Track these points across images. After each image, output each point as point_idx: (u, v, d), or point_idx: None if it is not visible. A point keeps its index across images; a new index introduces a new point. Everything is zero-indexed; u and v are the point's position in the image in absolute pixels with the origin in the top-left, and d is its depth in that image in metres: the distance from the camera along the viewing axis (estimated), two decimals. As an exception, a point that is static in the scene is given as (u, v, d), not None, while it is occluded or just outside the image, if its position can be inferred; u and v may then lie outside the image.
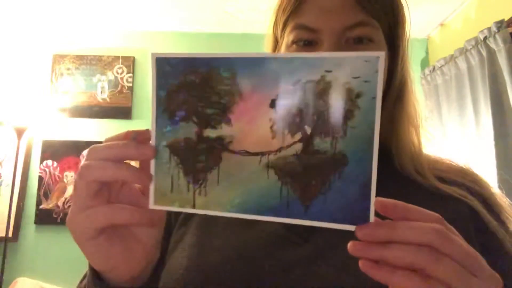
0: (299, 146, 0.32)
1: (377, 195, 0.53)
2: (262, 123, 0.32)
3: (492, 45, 1.82)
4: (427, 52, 2.60)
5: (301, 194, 0.32)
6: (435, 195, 0.50)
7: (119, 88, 2.50)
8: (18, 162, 2.23)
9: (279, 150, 0.32)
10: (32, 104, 2.25)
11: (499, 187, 0.57)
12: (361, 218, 0.31)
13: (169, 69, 0.34)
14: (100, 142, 0.36)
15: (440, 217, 0.30)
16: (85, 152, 0.37)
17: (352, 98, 0.31)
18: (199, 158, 0.34)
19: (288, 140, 0.32)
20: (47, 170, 2.37)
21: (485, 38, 1.85)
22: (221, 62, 0.33)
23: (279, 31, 0.56)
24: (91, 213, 0.35)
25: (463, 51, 2.05)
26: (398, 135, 0.54)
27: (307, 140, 0.32)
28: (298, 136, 0.32)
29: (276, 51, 0.58)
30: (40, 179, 2.36)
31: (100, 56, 2.52)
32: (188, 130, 0.34)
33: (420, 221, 0.29)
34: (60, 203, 2.34)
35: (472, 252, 0.30)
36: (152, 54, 0.35)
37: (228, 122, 0.33)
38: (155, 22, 2.50)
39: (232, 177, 0.34)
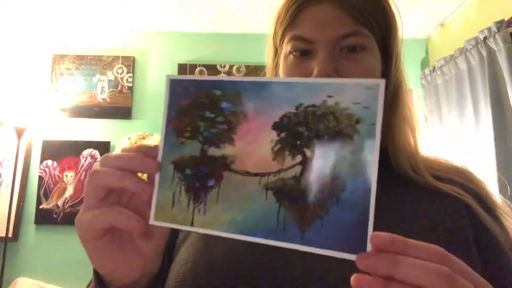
0: (298, 169, 0.32)
1: (376, 194, 0.53)
2: (264, 144, 0.33)
3: (492, 45, 1.82)
4: (427, 52, 2.60)
5: (298, 218, 0.32)
6: (431, 192, 0.52)
7: (119, 88, 2.50)
8: (18, 162, 2.23)
9: (278, 172, 0.33)
10: (32, 104, 2.25)
11: (499, 187, 0.59)
12: (358, 246, 0.30)
13: (181, 90, 0.37)
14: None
15: (443, 250, 0.28)
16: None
17: (352, 123, 0.31)
18: (201, 176, 0.35)
19: (288, 162, 0.33)
20: (47, 170, 2.38)
21: (485, 38, 1.86)
22: (228, 84, 0.35)
23: (278, 42, 0.59)
24: (94, 213, 0.37)
25: (463, 51, 2.05)
26: (394, 136, 0.56)
27: (306, 163, 0.32)
28: (298, 158, 0.32)
29: (275, 60, 0.61)
30: (40, 179, 2.36)
31: (100, 56, 2.52)
32: (193, 148, 0.36)
33: (422, 257, 0.28)
34: (60, 203, 2.34)
35: None
36: (167, 76, 0.38)
37: (232, 142, 0.35)
38: (155, 22, 2.50)
39: (231, 197, 0.34)
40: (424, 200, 0.52)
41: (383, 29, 0.55)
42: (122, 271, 0.40)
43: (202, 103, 0.36)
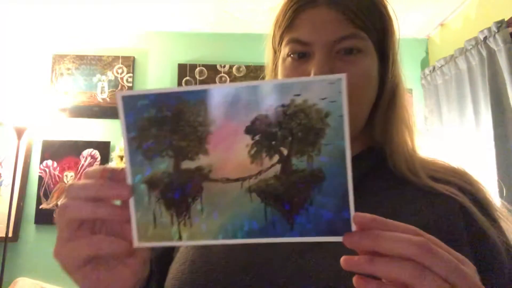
0: (277, 168, 0.33)
1: (372, 194, 0.54)
2: (240, 150, 0.34)
3: (492, 45, 1.83)
4: (427, 52, 2.60)
5: (285, 213, 0.33)
6: (427, 192, 0.53)
7: (119, 88, 2.50)
8: (18, 162, 2.23)
9: (259, 173, 0.34)
10: (32, 104, 2.25)
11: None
12: (344, 228, 0.32)
13: (138, 106, 0.35)
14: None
15: (418, 229, 0.32)
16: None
17: (322, 117, 0.33)
18: (179, 190, 0.35)
19: (267, 163, 0.33)
20: (47, 170, 2.38)
21: (485, 38, 1.86)
22: (191, 95, 0.34)
23: (276, 44, 0.60)
24: (73, 245, 0.36)
25: (463, 51, 2.05)
26: (392, 137, 0.57)
27: (284, 161, 0.33)
28: (276, 158, 0.33)
29: (275, 63, 0.62)
30: (40, 179, 2.36)
31: (100, 56, 2.52)
32: (165, 164, 0.35)
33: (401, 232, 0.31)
34: (60, 203, 2.33)
35: (454, 263, 0.30)
36: (117, 93, 0.35)
37: (205, 152, 0.34)
38: (155, 22, 2.50)
39: (216, 205, 0.34)
40: (420, 200, 0.52)
41: (379, 31, 0.56)
42: (113, 287, 0.40)
43: (165, 116, 0.34)
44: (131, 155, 0.35)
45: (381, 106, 0.58)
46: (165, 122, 0.34)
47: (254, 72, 2.51)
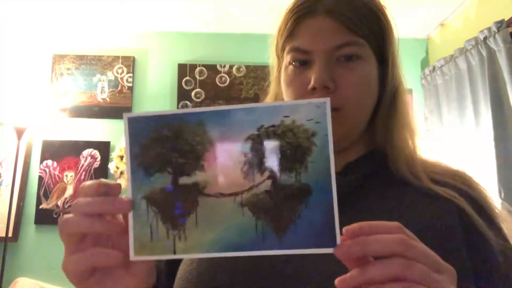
0: (268, 183, 0.36)
1: (373, 197, 0.54)
2: (233, 166, 0.36)
3: (492, 45, 1.83)
4: (427, 52, 2.60)
5: (275, 226, 0.35)
6: (427, 195, 0.53)
7: (119, 88, 2.50)
8: (18, 162, 2.23)
9: (251, 188, 0.36)
10: (32, 104, 2.25)
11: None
12: (330, 240, 0.34)
13: (142, 127, 0.38)
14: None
15: (400, 225, 0.34)
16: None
17: (308, 137, 0.35)
18: (176, 205, 0.37)
19: (258, 179, 0.36)
20: (47, 170, 2.38)
21: (485, 38, 1.86)
22: (191, 116, 0.37)
23: (279, 52, 0.62)
24: (74, 258, 0.38)
25: (463, 51, 2.05)
26: (393, 139, 0.58)
27: (275, 177, 0.36)
28: (267, 174, 0.36)
29: (278, 69, 0.64)
30: (40, 179, 2.37)
31: (100, 56, 2.52)
32: (163, 180, 0.37)
33: (385, 232, 0.33)
34: (60, 203, 2.34)
35: (431, 253, 0.34)
36: (124, 115, 0.38)
37: (202, 168, 0.37)
38: (155, 22, 2.50)
39: (210, 219, 0.36)
40: (419, 202, 0.53)
41: (378, 37, 0.57)
42: None
43: (166, 136, 0.37)
44: (132, 171, 0.38)
45: (382, 109, 0.59)
46: (166, 141, 0.37)
47: (254, 72, 2.51)
